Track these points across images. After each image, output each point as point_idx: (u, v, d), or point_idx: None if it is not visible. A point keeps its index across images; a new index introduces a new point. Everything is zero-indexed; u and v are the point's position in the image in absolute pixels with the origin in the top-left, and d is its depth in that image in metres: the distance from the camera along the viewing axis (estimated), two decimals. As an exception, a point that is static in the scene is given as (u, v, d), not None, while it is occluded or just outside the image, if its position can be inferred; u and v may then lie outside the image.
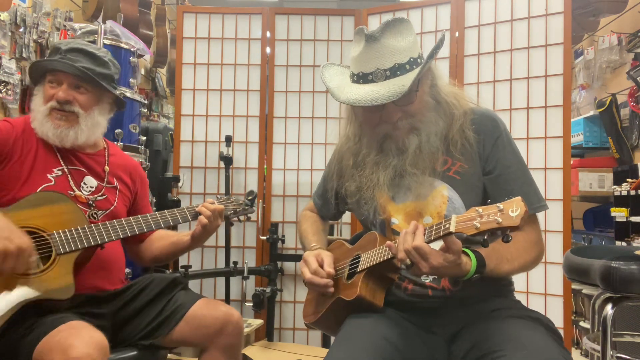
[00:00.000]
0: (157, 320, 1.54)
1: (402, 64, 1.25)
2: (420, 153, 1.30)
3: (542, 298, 2.62)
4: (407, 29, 1.28)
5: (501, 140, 1.33)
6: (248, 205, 1.75)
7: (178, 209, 1.65)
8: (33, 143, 1.58)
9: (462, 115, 1.34)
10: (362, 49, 1.27)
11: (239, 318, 1.58)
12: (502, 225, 1.00)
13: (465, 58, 2.90)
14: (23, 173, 1.52)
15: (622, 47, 4.24)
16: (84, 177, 1.63)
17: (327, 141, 3.17)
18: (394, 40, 1.25)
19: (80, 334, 1.24)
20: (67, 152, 1.62)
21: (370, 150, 1.37)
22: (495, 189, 1.30)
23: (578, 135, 4.48)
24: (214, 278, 3.12)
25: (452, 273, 1.13)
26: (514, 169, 1.31)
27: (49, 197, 1.48)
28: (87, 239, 1.46)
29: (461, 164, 1.33)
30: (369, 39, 1.26)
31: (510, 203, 1.01)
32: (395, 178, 1.34)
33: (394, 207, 1.36)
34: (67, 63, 1.58)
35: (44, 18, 3.64)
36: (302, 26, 3.22)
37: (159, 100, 6.10)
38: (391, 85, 1.23)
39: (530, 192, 1.29)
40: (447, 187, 1.32)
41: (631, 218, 3.42)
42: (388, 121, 1.30)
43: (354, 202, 1.44)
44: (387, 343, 1.18)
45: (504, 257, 1.20)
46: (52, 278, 1.38)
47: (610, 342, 1.50)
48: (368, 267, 1.28)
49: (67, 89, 1.59)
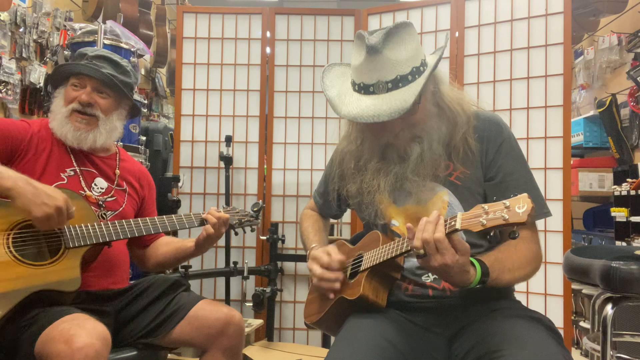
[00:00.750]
0: (158, 320, 1.55)
1: (404, 75, 1.22)
2: (422, 161, 1.29)
3: (542, 298, 2.62)
4: (409, 35, 1.25)
5: (504, 147, 1.32)
6: (253, 217, 1.78)
7: (185, 215, 1.67)
8: (48, 143, 1.62)
9: (465, 122, 1.32)
10: (363, 61, 1.24)
11: (240, 319, 1.58)
12: (509, 222, 0.99)
13: (465, 58, 2.90)
14: (37, 170, 1.56)
15: (622, 47, 4.24)
16: (95, 179, 1.67)
17: (327, 141, 3.17)
18: (395, 51, 1.22)
19: (83, 324, 1.25)
20: (80, 153, 1.66)
21: (372, 156, 1.37)
22: (495, 195, 1.29)
23: (578, 135, 4.48)
24: (214, 278, 3.12)
25: (458, 278, 1.11)
26: (516, 176, 1.30)
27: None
28: (97, 236, 1.49)
29: (463, 169, 1.32)
30: (370, 51, 1.22)
31: (517, 200, 1.00)
32: (397, 184, 1.34)
33: (395, 209, 1.36)
34: (94, 68, 1.64)
35: (44, 18, 3.64)
36: (302, 26, 3.22)
37: (159, 100, 6.10)
38: (393, 100, 1.21)
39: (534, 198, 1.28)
40: (447, 192, 1.32)
41: (631, 218, 3.42)
42: (390, 132, 1.30)
43: (355, 203, 1.44)
44: (388, 343, 1.18)
45: (506, 267, 1.19)
46: (59, 270, 1.41)
47: (610, 342, 1.50)
48: (371, 266, 1.28)
49: (90, 92, 1.64)
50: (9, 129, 1.55)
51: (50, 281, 1.37)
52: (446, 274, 1.10)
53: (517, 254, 1.21)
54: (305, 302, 1.51)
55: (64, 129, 1.62)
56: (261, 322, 3.01)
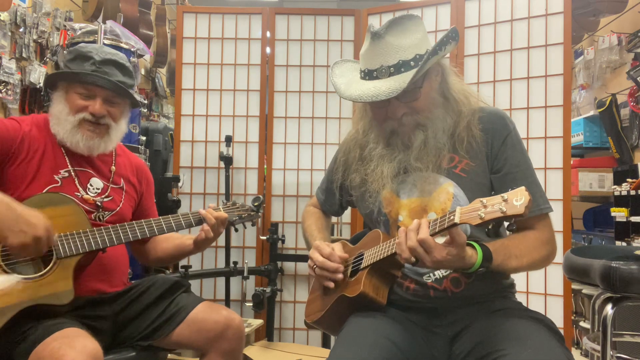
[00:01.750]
0: (158, 322, 1.54)
1: (406, 61, 1.25)
2: (425, 148, 1.31)
3: (542, 298, 2.62)
4: (415, 25, 1.28)
5: (510, 139, 1.33)
6: (254, 211, 1.75)
7: (182, 214, 1.63)
8: (41, 142, 1.55)
9: (470, 113, 1.34)
10: (368, 46, 1.28)
11: (240, 323, 1.57)
12: (507, 214, 1.00)
13: (465, 58, 2.89)
14: (29, 173, 1.51)
15: (622, 47, 4.24)
16: (90, 179, 1.62)
17: (327, 141, 3.17)
18: (398, 37, 1.25)
19: (73, 343, 1.23)
20: (74, 153, 1.60)
21: (377, 144, 1.38)
22: (503, 187, 1.29)
23: (578, 135, 4.48)
24: (214, 278, 3.12)
25: (456, 265, 1.13)
26: (522, 169, 1.32)
27: (52, 199, 1.47)
28: (89, 244, 1.45)
29: (467, 161, 1.33)
30: (374, 37, 1.26)
31: (515, 193, 1.01)
32: (400, 173, 1.35)
33: (399, 202, 1.37)
34: (105, 78, 1.56)
35: (44, 18, 3.64)
36: (302, 26, 3.22)
37: (159, 100, 6.10)
38: (392, 81, 1.24)
39: (537, 193, 1.29)
40: (452, 184, 1.32)
41: (631, 218, 3.41)
42: (393, 117, 1.31)
43: (359, 195, 1.45)
44: (389, 342, 1.18)
45: (513, 253, 1.20)
46: (50, 282, 1.37)
47: (610, 342, 1.50)
48: (372, 263, 1.28)
49: (102, 104, 1.57)
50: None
51: (42, 295, 1.34)
52: (443, 266, 1.15)
53: (525, 242, 1.23)
54: (307, 301, 1.51)
55: (74, 138, 1.56)
56: (261, 322, 3.01)
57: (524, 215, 0.99)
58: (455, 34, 1.28)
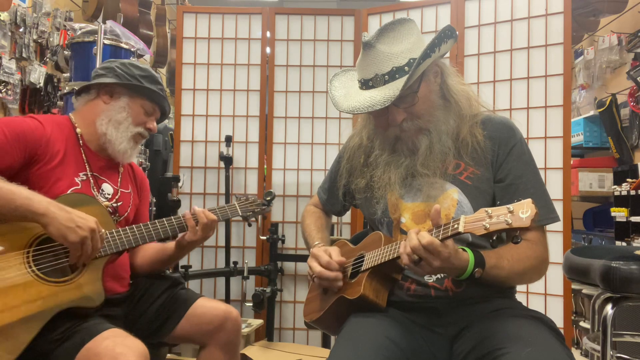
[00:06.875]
0: (160, 320, 1.57)
1: (400, 67, 1.25)
2: (430, 153, 1.31)
3: (542, 298, 2.62)
4: (406, 30, 1.27)
5: (516, 150, 1.32)
6: (265, 205, 1.79)
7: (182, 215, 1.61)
8: (62, 144, 1.54)
9: (471, 117, 1.34)
10: (361, 56, 1.30)
11: (237, 315, 1.61)
12: (512, 227, 0.99)
13: (465, 58, 2.90)
14: (53, 174, 1.49)
15: (622, 47, 4.24)
16: (102, 184, 1.62)
17: (327, 141, 3.17)
18: (389, 45, 1.26)
19: (126, 342, 1.25)
20: (93, 156, 1.61)
21: (383, 151, 1.38)
22: (504, 197, 1.29)
23: (578, 135, 4.48)
24: (214, 278, 3.12)
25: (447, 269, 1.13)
26: (525, 180, 1.31)
27: (81, 199, 1.45)
28: (116, 245, 1.45)
29: (473, 169, 1.33)
30: (365, 46, 1.27)
31: (521, 205, 1.00)
32: (407, 178, 1.35)
33: (403, 205, 1.37)
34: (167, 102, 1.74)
35: (44, 18, 3.65)
36: (302, 26, 3.22)
37: (159, 100, 6.09)
38: (387, 90, 1.24)
39: (540, 204, 1.28)
40: (457, 190, 1.32)
41: (631, 218, 3.42)
42: (393, 124, 1.31)
43: (363, 199, 1.45)
44: (390, 342, 1.18)
45: (505, 258, 1.20)
46: (82, 284, 1.37)
47: (610, 342, 1.50)
48: (372, 266, 1.28)
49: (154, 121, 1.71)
50: (24, 132, 1.44)
51: (75, 297, 1.34)
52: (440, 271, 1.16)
53: (517, 250, 1.23)
54: (305, 300, 1.51)
55: (125, 146, 1.62)
56: (261, 322, 3.01)
57: (529, 229, 0.99)
58: (450, 31, 1.27)
